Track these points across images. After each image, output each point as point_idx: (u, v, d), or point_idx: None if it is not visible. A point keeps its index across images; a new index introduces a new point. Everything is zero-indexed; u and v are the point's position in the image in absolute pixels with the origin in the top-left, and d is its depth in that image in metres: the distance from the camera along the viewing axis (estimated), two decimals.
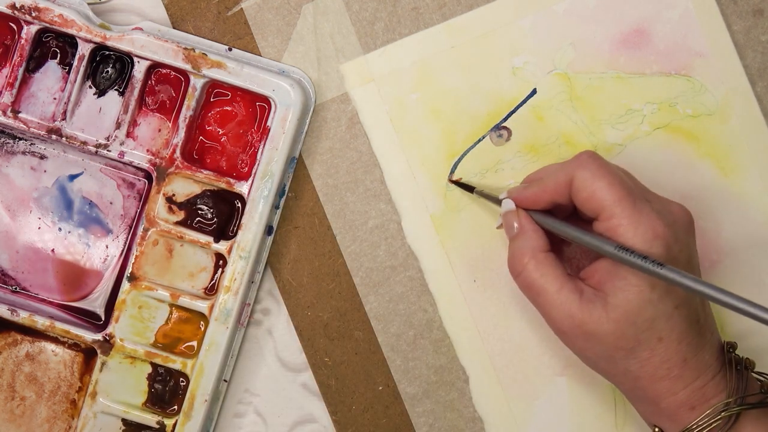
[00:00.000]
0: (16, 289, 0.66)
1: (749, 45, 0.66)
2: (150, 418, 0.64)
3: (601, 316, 0.56)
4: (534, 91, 0.66)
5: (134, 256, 0.64)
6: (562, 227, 0.59)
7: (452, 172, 0.66)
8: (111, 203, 0.66)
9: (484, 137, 0.66)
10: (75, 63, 0.63)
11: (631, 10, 0.65)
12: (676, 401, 0.57)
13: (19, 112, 0.64)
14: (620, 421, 0.66)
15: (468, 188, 0.65)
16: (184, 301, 0.64)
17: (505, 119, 0.66)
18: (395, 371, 0.66)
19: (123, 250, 0.66)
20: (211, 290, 0.64)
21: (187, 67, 0.63)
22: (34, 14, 0.62)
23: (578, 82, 0.66)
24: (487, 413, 0.66)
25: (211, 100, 0.65)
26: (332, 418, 0.66)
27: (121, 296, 0.64)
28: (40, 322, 0.64)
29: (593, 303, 0.56)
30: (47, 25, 0.63)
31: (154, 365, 0.64)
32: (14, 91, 0.64)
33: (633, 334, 0.56)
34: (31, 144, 0.66)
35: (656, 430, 0.58)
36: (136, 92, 0.64)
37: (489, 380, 0.66)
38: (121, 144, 0.64)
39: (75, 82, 0.63)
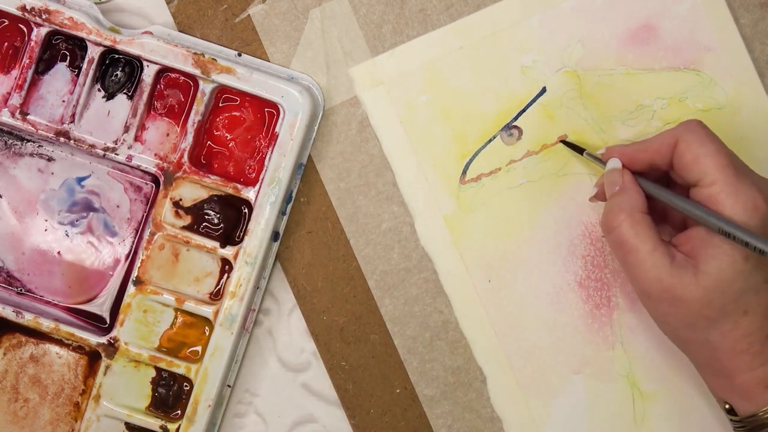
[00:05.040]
0: (21, 290, 0.65)
1: (757, 38, 0.65)
2: (153, 423, 0.63)
3: (690, 282, 0.55)
4: (543, 90, 0.65)
5: (140, 260, 0.63)
6: (665, 194, 0.57)
7: (464, 172, 0.65)
8: (118, 206, 0.65)
9: (495, 137, 0.65)
10: (84, 66, 0.62)
11: (638, 6, 0.64)
12: (752, 378, 0.55)
13: (28, 114, 0.63)
14: (638, 416, 0.64)
15: (578, 149, 0.63)
16: (190, 305, 0.63)
17: (516, 118, 0.65)
18: (412, 373, 0.65)
19: (129, 254, 0.65)
20: (217, 295, 0.63)
21: (197, 72, 0.62)
22: (44, 16, 0.62)
23: (587, 79, 0.64)
24: (506, 413, 0.64)
25: (220, 105, 0.64)
26: (350, 422, 0.65)
27: (126, 300, 0.63)
28: (45, 325, 0.63)
29: (684, 268, 0.55)
30: (57, 27, 0.62)
31: (159, 369, 0.63)
32: (23, 93, 0.63)
33: (720, 303, 0.54)
34: (39, 146, 0.65)
35: (726, 406, 0.57)
36: (144, 96, 0.63)
37: (506, 380, 0.64)
38: (129, 148, 0.63)
39: (84, 84, 0.63)
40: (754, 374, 0.55)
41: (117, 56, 0.63)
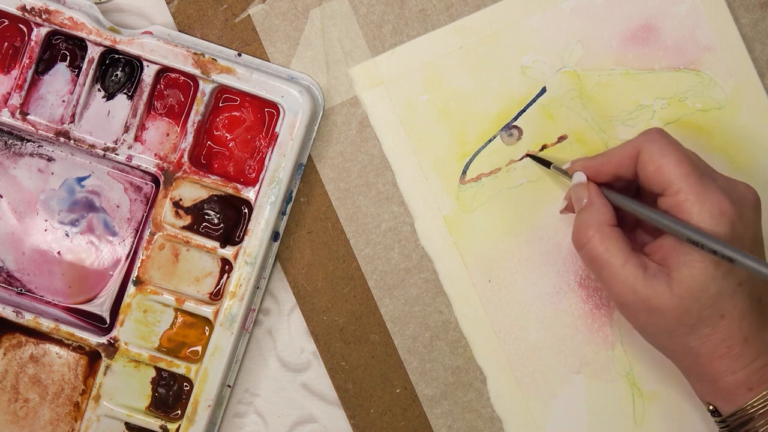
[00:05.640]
0: (21, 290, 0.65)
1: (757, 38, 0.64)
2: (153, 423, 0.63)
3: (664, 292, 0.54)
4: (543, 90, 0.64)
5: (140, 260, 0.63)
6: (632, 205, 0.57)
7: (464, 172, 0.64)
8: (118, 206, 0.65)
9: (495, 137, 0.64)
10: (84, 66, 0.62)
11: (638, 6, 0.64)
12: (734, 380, 0.55)
13: (28, 114, 0.63)
14: (638, 416, 0.64)
15: (545, 163, 0.63)
16: (190, 305, 0.63)
17: (516, 118, 0.64)
18: (412, 373, 0.64)
19: (129, 254, 0.65)
20: (217, 295, 0.63)
21: (197, 72, 0.62)
22: (44, 17, 0.61)
23: (587, 79, 0.64)
24: (506, 413, 0.64)
25: (220, 105, 0.63)
26: (350, 422, 0.65)
27: (126, 300, 0.63)
28: (45, 325, 0.63)
29: (657, 278, 0.55)
30: (57, 27, 0.61)
31: (158, 369, 0.63)
32: (23, 93, 0.62)
33: (696, 310, 0.54)
34: (39, 146, 0.65)
35: (711, 408, 0.57)
36: (144, 96, 0.62)
37: (506, 380, 0.64)
38: (129, 148, 0.63)
39: (84, 84, 0.62)
40: (736, 377, 0.55)
41: (117, 56, 0.63)
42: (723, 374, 0.55)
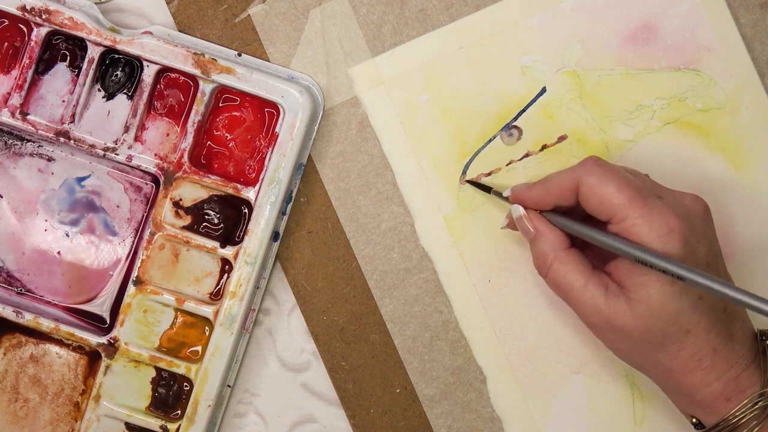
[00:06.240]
0: (21, 290, 0.65)
1: (757, 38, 0.64)
2: (153, 423, 0.63)
3: (625, 312, 0.54)
4: (543, 90, 0.64)
5: (140, 260, 0.63)
6: (580, 228, 0.57)
7: (464, 172, 0.64)
8: (118, 206, 0.65)
9: (494, 137, 0.64)
10: (84, 66, 0.62)
11: (638, 6, 0.64)
12: (710, 393, 0.55)
13: (28, 114, 0.63)
14: (638, 416, 0.64)
15: (485, 188, 0.63)
16: (190, 305, 0.63)
17: (516, 118, 0.64)
18: (412, 373, 0.64)
19: (129, 254, 0.65)
20: (217, 295, 0.63)
21: (197, 72, 0.62)
22: (44, 17, 0.61)
23: (587, 79, 0.64)
24: (506, 413, 0.64)
25: (220, 105, 0.63)
26: (350, 422, 0.65)
27: (126, 300, 0.63)
28: (45, 325, 0.63)
29: (618, 297, 0.55)
30: (57, 27, 0.61)
31: (158, 369, 0.63)
32: (23, 93, 0.62)
33: (659, 328, 0.54)
34: (39, 146, 0.65)
35: (693, 420, 0.57)
36: (144, 96, 0.62)
37: (506, 380, 0.64)
38: (129, 148, 0.63)
39: (84, 85, 0.62)
40: (712, 389, 0.55)
41: (117, 56, 0.62)
42: (698, 388, 0.55)
